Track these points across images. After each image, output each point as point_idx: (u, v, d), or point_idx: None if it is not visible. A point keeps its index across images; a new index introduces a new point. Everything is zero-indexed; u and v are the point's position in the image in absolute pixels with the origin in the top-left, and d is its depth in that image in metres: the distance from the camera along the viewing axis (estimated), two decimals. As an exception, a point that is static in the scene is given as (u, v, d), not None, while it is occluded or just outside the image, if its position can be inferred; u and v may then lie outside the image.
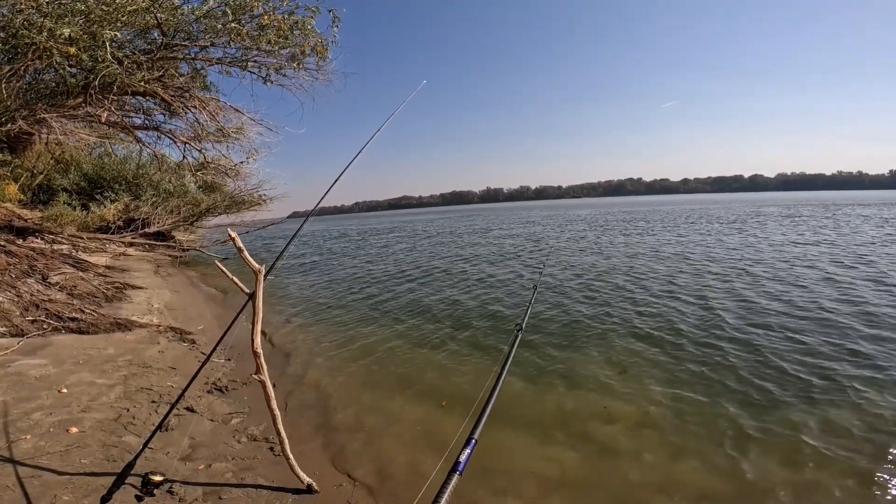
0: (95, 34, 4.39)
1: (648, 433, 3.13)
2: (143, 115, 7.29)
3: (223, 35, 5.44)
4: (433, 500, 1.12)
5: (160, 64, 5.59)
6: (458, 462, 1.27)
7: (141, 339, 5.14)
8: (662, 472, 2.73)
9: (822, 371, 3.87)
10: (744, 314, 5.57)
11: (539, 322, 5.70)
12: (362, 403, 3.79)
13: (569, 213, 43.77)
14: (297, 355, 5.14)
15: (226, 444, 3.00)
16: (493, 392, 1.66)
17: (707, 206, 44.08)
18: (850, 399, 3.38)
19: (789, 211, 27.56)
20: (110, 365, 4.20)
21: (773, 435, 3.00)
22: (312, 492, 2.47)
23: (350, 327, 6.16)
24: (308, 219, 3.07)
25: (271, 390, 2.34)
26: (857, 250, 10.09)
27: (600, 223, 24.82)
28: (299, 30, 5.76)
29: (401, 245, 18.57)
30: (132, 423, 3.15)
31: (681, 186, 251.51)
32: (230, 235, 2.14)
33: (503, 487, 2.63)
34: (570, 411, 3.52)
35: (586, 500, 2.53)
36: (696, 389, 3.69)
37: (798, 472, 2.63)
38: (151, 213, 13.46)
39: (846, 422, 3.09)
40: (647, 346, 4.70)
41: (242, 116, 7.58)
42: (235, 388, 3.94)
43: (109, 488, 2.01)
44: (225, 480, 2.55)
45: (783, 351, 4.36)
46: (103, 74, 4.68)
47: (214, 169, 11.35)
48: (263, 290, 2.24)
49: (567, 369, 4.27)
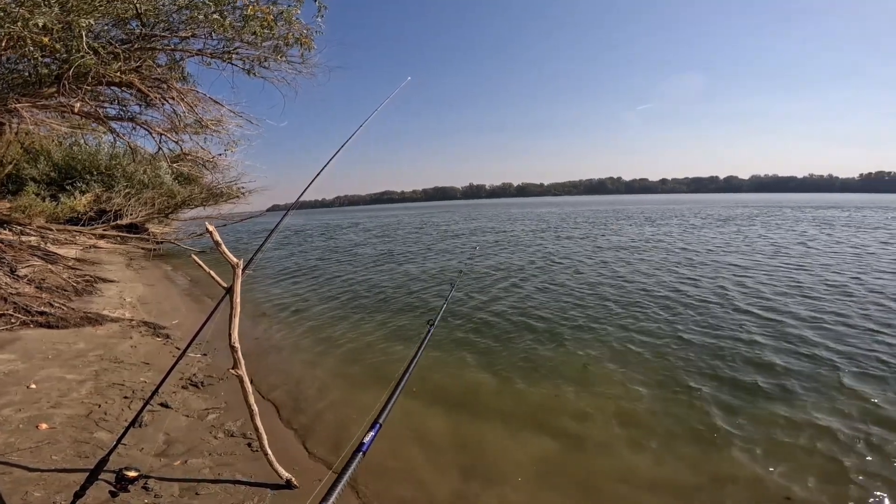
0: (71, 23, 4.25)
1: (614, 424, 3.23)
2: (117, 106, 7.07)
3: (205, 26, 5.33)
4: (337, 477, 1.18)
5: (138, 54, 5.45)
6: (362, 443, 1.37)
7: (112, 333, 5.04)
8: (624, 461, 2.82)
9: (774, 362, 4.05)
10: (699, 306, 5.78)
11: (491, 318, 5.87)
12: (343, 398, 3.80)
13: (536, 210, 44.18)
14: (277, 349, 5.12)
15: (202, 439, 2.98)
16: (401, 382, 1.76)
17: (678, 206, 45.10)
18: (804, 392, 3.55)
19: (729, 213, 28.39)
20: (81, 360, 4.11)
21: (729, 427, 3.11)
22: (292, 487, 2.46)
23: (331, 322, 6.16)
24: (288, 213, 3.06)
25: (249, 385, 2.32)
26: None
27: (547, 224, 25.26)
28: (284, 20, 5.69)
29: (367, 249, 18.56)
30: (104, 419, 3.09)
31: (659, 186, 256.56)
32: (207, 228, 2.13)
33: (470, 470, 2.71)
34: (534, 403, 3.62)
35: (550, 488, 2.60)
36: (658, 381, 3.83)
37: (756, 463, 2.73)
38: (124, 205, 13.12)
39: (810, 414, 3.23)
40: (603, 341, 4.83)
41: (222, 108, 7.43)
42: (212, 384, 3.89)
43: (83, 484, 1.99)
44: (202, 476, 2.54)
45: (735, 343, 4.53)
46: (78, 64, 4.54)
47: (192, 160, 11.09)
48: (242, 285, 2.23)
49: (528, 363, 4.42)
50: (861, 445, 2.87)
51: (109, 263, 10.28)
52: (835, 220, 20.92)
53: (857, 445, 2.87)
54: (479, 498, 2.52)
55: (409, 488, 2.60)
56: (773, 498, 2.45)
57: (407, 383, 1.80)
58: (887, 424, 3.09)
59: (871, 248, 11.25)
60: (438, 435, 3.19)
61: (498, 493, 2.56)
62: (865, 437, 2.94)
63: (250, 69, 6.18)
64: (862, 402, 3.40)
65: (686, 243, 13.08)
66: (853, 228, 16.58)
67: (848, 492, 2.46)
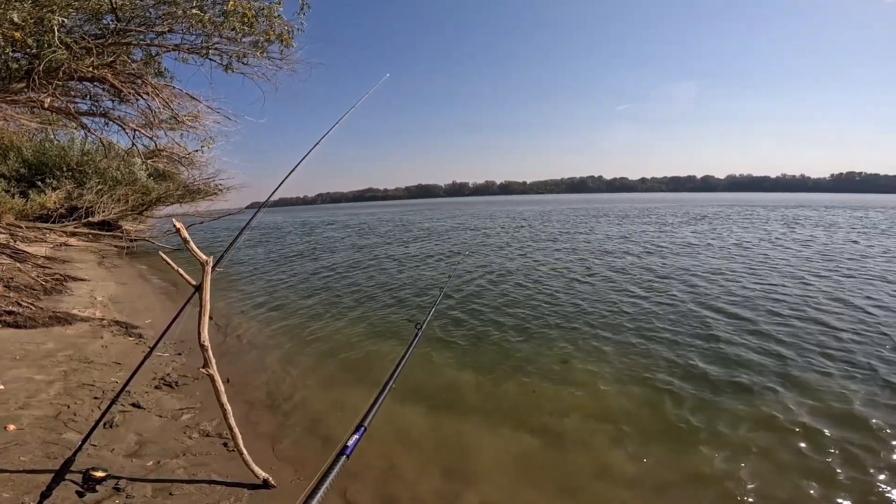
0: (44, 18, 4.14)
1: (591, 421, 3.29)
2: (89, 101, 6.89)
3: (183, 21, 5.23)
4: (320, 479, 1.19)
5: (112, 49, 5.32)
6: (346, 446, 1.36)
7: (82, 333, 4.92)
8: (601, 458, 2.88)
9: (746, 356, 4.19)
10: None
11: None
12: (322, 396, 3.79)
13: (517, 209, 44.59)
14: (255, 347, 5.08)
15: (176, 440, 2.94)
16: (387, 385, 1.77)
17: (654, 204, 45.88)
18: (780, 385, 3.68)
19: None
20: (50, 360, 4.01)
21: (702, 424, 3.20)
22: (269, 486, 2.45)
23: (310, 320, 6.13)
24: (261, 210, 3.03)
25: (221, 384, 2.30)
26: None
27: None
28: (265, 17, 5.63)
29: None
30: (73, 420, 3.03)
31: (639, 185, 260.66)
32: (175, 225, 2.10)
33: (451, 469, 2.75)
34: (513, 400, 3.68)
35: (529, 485, 2.65)
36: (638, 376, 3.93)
37: (731, 461, 2.81)
38: (96, 202, 12.78)
39: (775, 409, 3.35)
40: (586, 335, 4.93)
41: (199, 104, 7.31)
42: (186, 383, 3.84)
43: (49, 484, 1.96)
44: (176, 476, 2.51)
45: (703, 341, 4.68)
46: (49, 59, 4.42)
47: (167, 157, 10.88)
48: (215, 282, 2.22)
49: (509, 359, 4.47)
50: (831, 445, 2.97)
51: (80, 262, 10.00)
52: (802, 219, 21.76)
53: (826, 442, 2.97)
54: (462, 496, 2.54)
55: (393, 487, 2.61)
56: (743, 493, 2.53)
57: (388, 383, 1.81)
58: (850, 421, 3.20)
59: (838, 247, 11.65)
60: (419, 433, 3.21)
61: (480, 490, 2.59)
62: (834, 437, 3.04)
63: (228, 65, 6.09)
64: (820, 398, 3.53)
65: (658, 242, 13.34)
66: (818, 227, 17.17)
67: (808, 487, 2.57)
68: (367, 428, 1.48)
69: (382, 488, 2.60)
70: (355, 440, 1.41)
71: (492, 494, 2.57)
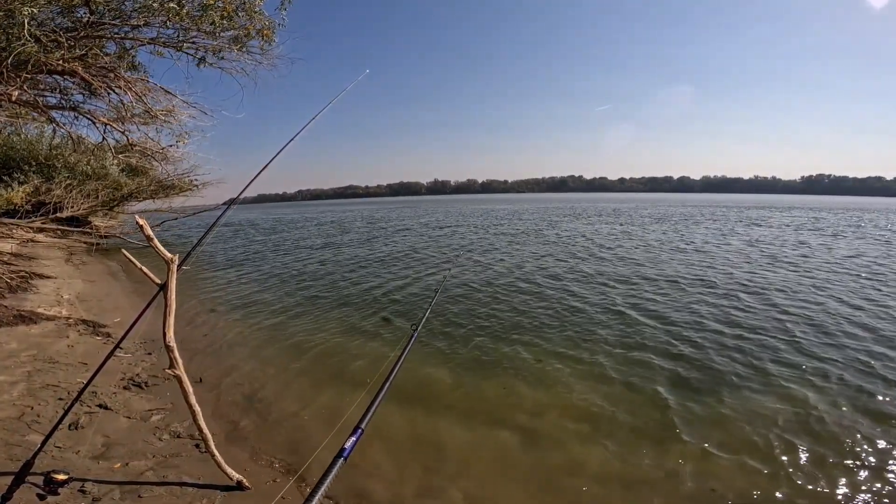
0: (13, 11, 4.00)
1: (566, 419, 3.35)
2: (59, 95, 6.67)
3: (160, 15, 5.12)
4: (317, 482, 1.18)
5: (84, 43, 5.17)
6: (343, 448, 1.35)
7: (48, 332, 4.76)
8: (576, 455, 2.93)
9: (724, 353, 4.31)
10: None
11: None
12: (298, 396, 3.74)
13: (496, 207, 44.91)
14: (228, 346, 5.00)
15: (145, 441, 2.88)
16: (384, 386, 1.77)
17: (630, 205, 46.70)
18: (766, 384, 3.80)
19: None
20: (12, 360, 3.87)
21: (680, 421, 3.28)
22: (243, 488, 2.41)
23: (285, 319, 6.05)
24: (231, 207, 2.99)
25: (189, 385, 2.26)
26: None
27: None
28: (245, 11, 5.55)
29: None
30: (36, 422, 2.94)
31: (618, 185, 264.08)
32: (138, 222, 2.06)
33: (431, 467, 2.78)
34: (490, 399, 3.72)
35: (509, 481, 2.69)
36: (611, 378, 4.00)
37: (699, 457, 2.89)
38: (65, 197, 12.33)
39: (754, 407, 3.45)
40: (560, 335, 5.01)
41: (174, 98, 7.15)
42: (157, 384, 3.75)
43: (9, 487, 1.90)
44: (144, 479, 2.45)
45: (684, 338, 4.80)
46: (18, 52, 4.27)
47: (140, 151, 10.62)
48: (182, 280, 2.18)
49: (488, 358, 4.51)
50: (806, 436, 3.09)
51: (47, 259, 9.67)
52: (762, 220, 22.90)
53: (804, 436, 3.09)
54: (445, 492, 2.56)
55: (378, 485, 2.61)
56: (714, 490, 2.59)
57: (373, 384, 1.79)
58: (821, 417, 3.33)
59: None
60: (400, 432, 3.20)
61: (462, 486, 2.61)
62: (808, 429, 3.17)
63: (203, 59, 5.98)
64: (795, 397, 3.66)
65: (639, 241, 13.60)
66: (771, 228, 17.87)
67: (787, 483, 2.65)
68: (363, 430, 1.47)
69: (369, 485, 2.61)
70: (352, 442, 1.38)
71: (475, 490, 2.60)
